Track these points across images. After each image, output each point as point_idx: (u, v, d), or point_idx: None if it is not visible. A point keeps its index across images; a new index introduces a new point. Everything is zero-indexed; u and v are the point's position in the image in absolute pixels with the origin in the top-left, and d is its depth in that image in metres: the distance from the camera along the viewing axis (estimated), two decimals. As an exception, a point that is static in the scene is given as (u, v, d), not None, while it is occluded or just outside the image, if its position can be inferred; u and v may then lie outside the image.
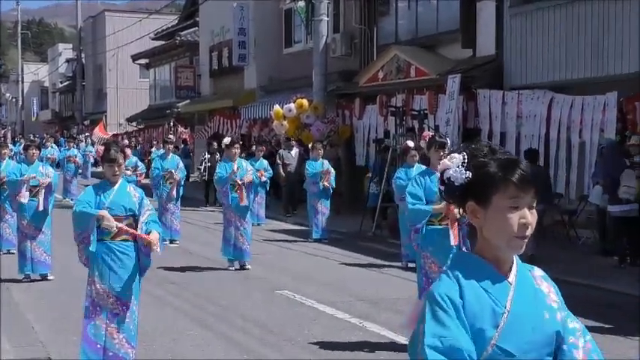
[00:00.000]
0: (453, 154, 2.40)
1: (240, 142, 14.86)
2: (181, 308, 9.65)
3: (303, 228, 17.63)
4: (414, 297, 10.26)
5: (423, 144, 7.91)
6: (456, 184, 2.37)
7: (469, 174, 2.35)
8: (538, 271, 2.49)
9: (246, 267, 12.31)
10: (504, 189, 2.32)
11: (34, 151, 11.51)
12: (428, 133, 8.00)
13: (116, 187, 6.39)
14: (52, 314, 9.29)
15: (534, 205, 2.37)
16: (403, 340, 8.00)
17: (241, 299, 10.20)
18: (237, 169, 12.19)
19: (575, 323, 2.47)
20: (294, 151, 20.14)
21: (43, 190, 11.06)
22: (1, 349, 7.60)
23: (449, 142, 7.84)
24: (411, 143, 12.13)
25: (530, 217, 2.34)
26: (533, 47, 15.41)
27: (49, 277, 11.16)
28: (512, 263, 2.42)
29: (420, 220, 7.52)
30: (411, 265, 12.35)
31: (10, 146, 19.06)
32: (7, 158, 14.02)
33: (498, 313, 2.31)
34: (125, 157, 6.62)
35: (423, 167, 9.62)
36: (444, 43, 18.74)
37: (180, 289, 10.78)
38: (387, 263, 13.01)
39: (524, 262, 2.47)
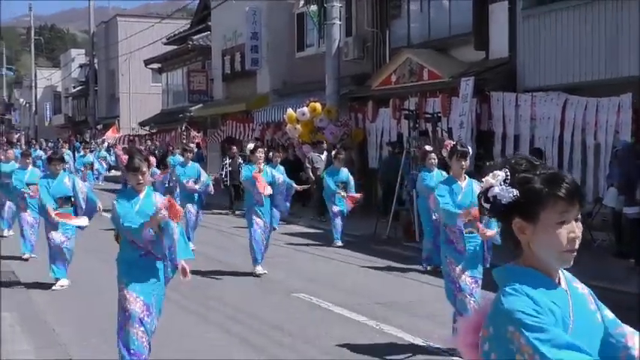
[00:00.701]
0: (495, 172, 2.37)
1: (265, 148, 14.80)
2: (198, 311, 9.71)
3: (317, 231, 17.69)
4: (431, 300, 10.32)
5: (444, 153, 7.96)
6: (503, 202, 2.34)
7: (516, 192, 2.33)
8: (567, 274, 2.47)
9: (260, 270, 12.31)
10: (552, 205, 2.30)
11: (57, 166, 11.49)
12: (450, 142, 8.03)
13: (142, 195, 6.47)
14: (72, 316, 9.37)
15: (579, 216, 2.37)
16: (420, 342, 8.07)
17: (258, 302, 10.26)
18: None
19: (609, 312, 2.50)
20: (325, 155, 20.04)
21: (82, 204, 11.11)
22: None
23: (471, 150, 7.86)
24: (429, 148, 12.14)
25: (577, 229, 2.34)
26: (547, 49, 15.41)
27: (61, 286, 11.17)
28: (560, 272, 2.42)
29: (449, 221, 7.57)
30: (429, 267, 12.41)
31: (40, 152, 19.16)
32: (30, 166, 14.12)
33: (567, 323, 2.29)
34: (149, 165, 6.64)
35: (443, 173, 9.67)
36: (456, 46, 18.76)
37: (197, 292, 10.82)
38: (402, 266, 13.02)
39: None
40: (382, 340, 8.27)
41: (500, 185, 2.35)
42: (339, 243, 15.36)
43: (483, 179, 2.41)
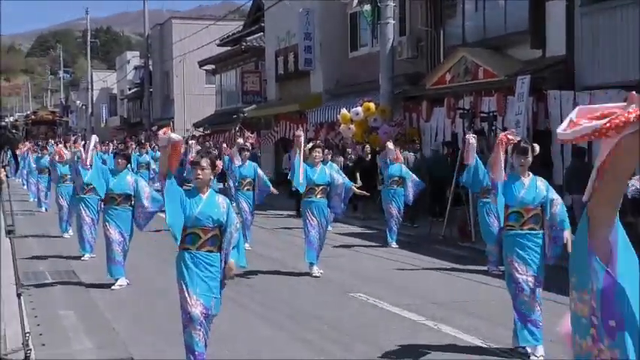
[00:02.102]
0: None
1: (323, 146, 14.74)
2: (256, 310, 9.76)
3: (372, 231, 17.65)
4: (489, 300, 10.24)
5: (509, 150, 7.87)
6: (629, 196, 2.38)
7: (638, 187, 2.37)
8: None
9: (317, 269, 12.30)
10: None
11: (120, 160, 11.64)
12: (515, 138, 7.94)
13: (205, 197, 6.49)
14: (132, 315, 9.48)
15: None
16: (479, 341, 8.02)
17: (315, 302, 10.27)
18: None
19: None
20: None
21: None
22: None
23: (537, 148, 7.76)
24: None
25: None
26: (605, 46, 15.16)
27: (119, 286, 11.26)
28: None
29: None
30: (501, 268, 12.21)
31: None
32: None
33: None
34: (214, 167, 6.67)
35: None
36: (512, 44, 18.57)
37: (254, 291, 10.90)
38: (458, 266, 12.93)
39: None
40: (440, 340, 8.22)
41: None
42: (394, 245, 15.28)
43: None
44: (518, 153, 7.55)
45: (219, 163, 6.85)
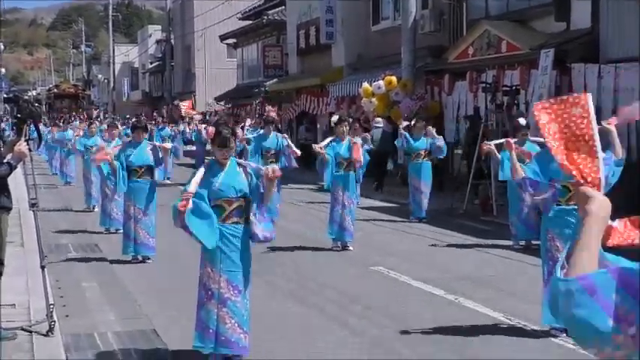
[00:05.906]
0: None
1: (350, 120, 14.63)
2: (278, 284, 9.79)
3: (393, 205, 17.63)
4: (511, 275, 10.21)
5: None
6: None
7: None
8: None
9: (348, 247, 12.20)
10: None
11: (140, 133, 11.64)
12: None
13: (226, 167, 6.31)
14: (155, 289, 9.55)
15: None
16: (501, 316, 7.98)
17: (337, 275, 10.29)
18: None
19: None
20: None
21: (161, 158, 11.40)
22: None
23: None
24: (522, 121, 11.74)
25: None
26: (632, 18, 14.93)
27: (148, 260, 11.24)
28: None
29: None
30: (521, 243, 12.16)
31: (120, 127, 19.32)
32: (116, 138, 14.31)
33: None
34: (236, 137, 6.47)
35: (536, 146, 9.26)
36: (536, 17, 18.36)
37: (275, 265, 10.93)
38: (480, 240, 12.90)
39: None
40: (461, 314, 8.21)
41: None
42: (414, 219, 15.22)
43: None
44: None
45: (239, 131, 6.66)
